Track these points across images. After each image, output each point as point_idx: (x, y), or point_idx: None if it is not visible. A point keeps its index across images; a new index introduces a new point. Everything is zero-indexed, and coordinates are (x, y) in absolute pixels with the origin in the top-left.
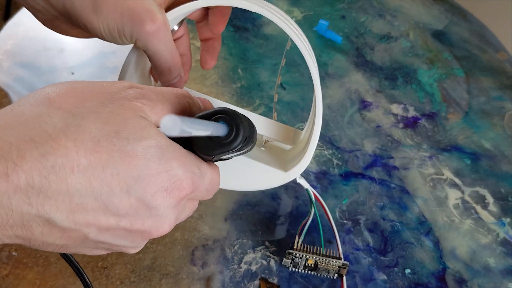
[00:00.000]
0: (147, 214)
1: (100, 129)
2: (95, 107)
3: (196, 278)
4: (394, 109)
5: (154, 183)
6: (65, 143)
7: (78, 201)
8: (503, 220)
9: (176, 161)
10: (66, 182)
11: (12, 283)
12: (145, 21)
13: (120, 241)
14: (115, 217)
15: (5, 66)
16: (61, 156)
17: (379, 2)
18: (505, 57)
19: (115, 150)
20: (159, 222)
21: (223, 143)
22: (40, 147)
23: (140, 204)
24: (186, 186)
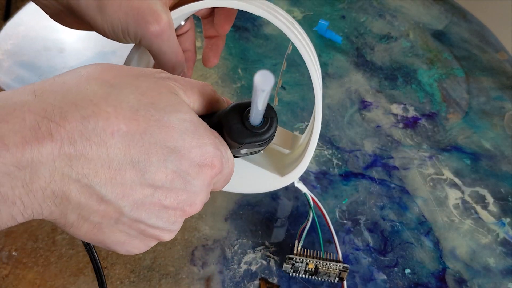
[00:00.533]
0: (182, 187)
1: (138, 99)
2: (132, 81)
3: (196, 278)
4: (394, 109)
5: (189, 157)
6: (105, 108)
7: (116, 167)
8: (503, 220)
9: (208, 138)
10: (106, 145)
11: (12, 283)
12: (150, 22)
13: (154, 219)
14: (151, 188)
15: (5, 66)
16: (102, 120)
17: (379, 2)
18: (505, 57)
19: (152, 120)
20: (192, 197)
21: (256, 133)
22: (82, 110)
23: (175, 176)
24: (217, 165)
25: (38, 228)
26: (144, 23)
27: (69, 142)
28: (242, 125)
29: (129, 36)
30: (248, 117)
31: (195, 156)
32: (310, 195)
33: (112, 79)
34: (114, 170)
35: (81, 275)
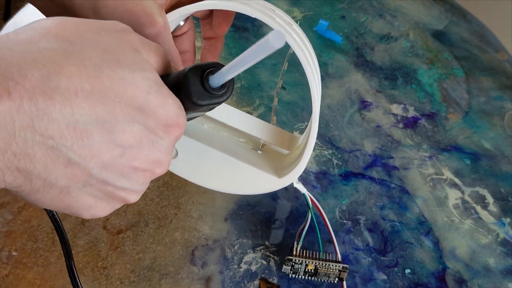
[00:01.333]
0: (150, 147)
1: (100, 56)
2: (93, 36)
3: (196, 278)
4: (394, 109)
5: (155, 116)
6: (67, 67)
7: (83, 128)
8: (503, 220)
9: (171, 97)
10: (70, 105)
11: (12, 283)
12: (145, 25)
13: (122, 181)
14: (119, 148)
15: None
16: (64, 78)
17: (379, 2)
18: (505, 57)
19: (117, 78)
20: (161, 158)
21: (215, 95)
22: (42, 68)
23: (143, 136)
24: (181, 124)
25: (38, 229)
26: (139, 26)
27: (29, 100)
28: (202, 86)
29: None
30: (208, 79)
31: (161, 116)
32: (309, 196)
33: (71, 35)
34: (81, 130)
35: (80, 275)
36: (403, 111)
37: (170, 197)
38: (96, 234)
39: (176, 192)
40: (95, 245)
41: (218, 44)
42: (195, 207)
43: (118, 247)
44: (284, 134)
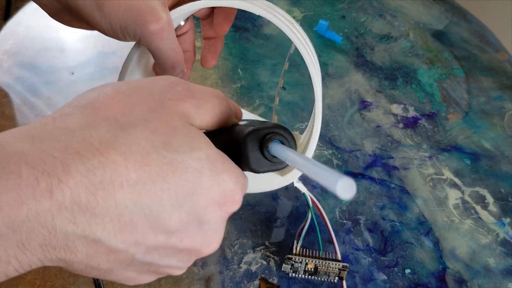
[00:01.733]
0: (198, 230)
1: (149, 140)
2: (143, 114)
3: (196, 278)
4: (394, 109)
5: (206, 197)
6: (113, 157)
7: (127, 218)
8: (503, 220)
9: (227, 173)
10: (114, 198)
11: (12, 283)
12: (149, 21)
13: (167, 260)
14: (165, 234)
15: (5, 66)
16: (109, 171)
17: (379, 2)
18: (505, 57)
19: (165, 163)
20: (209, 238)
21: (275, 162)
22: (87, 162)
23: (191, 218)
24: (238, 200)
25: None
26: (143, 22)
27: (71, 199)
28: (261, 154)
29: (128, 35)
30: (268, 147)
31: (214, 195)
32: (309, 195)
33: (120, 115)
34: (124, 221)
35: (80, 276)
36: (403, 111)
37: None
38: None
39: None
40: None
41: (218, 44)
42: None
43: None
44: None
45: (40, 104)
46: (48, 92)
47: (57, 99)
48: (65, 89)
